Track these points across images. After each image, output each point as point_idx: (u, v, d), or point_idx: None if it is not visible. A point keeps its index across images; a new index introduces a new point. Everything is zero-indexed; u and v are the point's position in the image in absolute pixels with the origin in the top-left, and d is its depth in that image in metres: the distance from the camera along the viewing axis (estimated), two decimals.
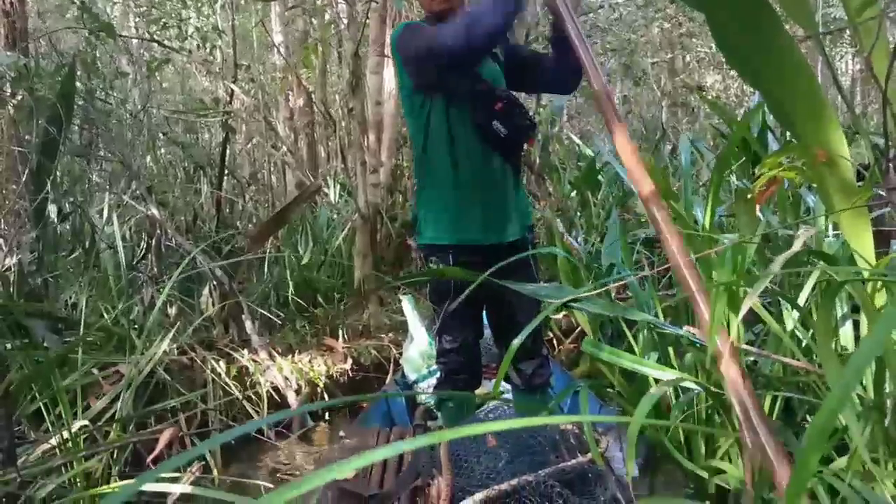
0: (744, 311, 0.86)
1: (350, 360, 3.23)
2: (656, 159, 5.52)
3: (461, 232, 2.03)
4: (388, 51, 5.11)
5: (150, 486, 1.25)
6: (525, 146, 2.08)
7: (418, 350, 2.87)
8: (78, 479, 1.57)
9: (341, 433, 1.96)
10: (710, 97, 7.97)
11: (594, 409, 2.39)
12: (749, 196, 1.20)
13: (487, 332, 2.36)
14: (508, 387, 2.28)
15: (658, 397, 1.19)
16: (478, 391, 2.72)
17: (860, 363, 0.44)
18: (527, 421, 0.88)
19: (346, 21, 4.81)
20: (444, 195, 2.04)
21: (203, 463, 1.83)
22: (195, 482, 1.41)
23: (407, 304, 3.05)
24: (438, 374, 2.31)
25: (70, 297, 3.08)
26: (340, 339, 3.43)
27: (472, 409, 2.27)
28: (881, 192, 1.54)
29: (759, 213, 2.30)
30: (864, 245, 1.39)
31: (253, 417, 2.43)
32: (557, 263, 3.21)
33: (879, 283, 1.38)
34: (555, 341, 3.73)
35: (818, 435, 0.46)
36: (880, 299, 1.45)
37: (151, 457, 1.57)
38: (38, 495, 1.41)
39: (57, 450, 1.72)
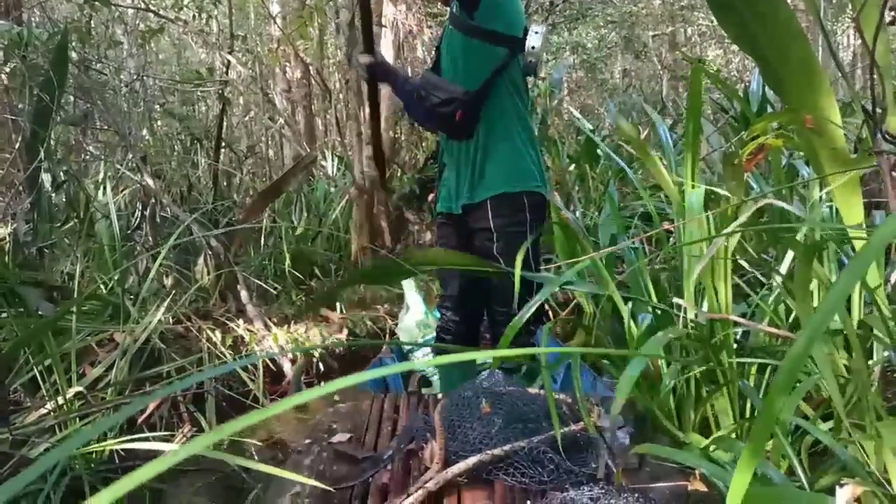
0: (702, 265, 0.86)
1: (346, 331, 3.25)
2: (655, 133, 5.48)
3: (437, 203, 2.39)
4: (385, 21, 5.05)
5: (142, 445, 1.26)
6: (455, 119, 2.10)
7: (414, 319, 2.89)
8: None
9: (336, 397, 1.99)
10: (710, 70, 7.89)
11: (588, 380, 2.41)
12: (736, 161, 1.19)
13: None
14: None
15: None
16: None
17: (833, 303, 0.44)
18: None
19: None
20: None
21: (195, 430, 1.85)
22: (187, 444, 1.43)
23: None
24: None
25: (65, 267, 3.08)
26: (337, 310, 3.44)
27: (469, 375, 2.31)
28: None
29: (752, 183, 2.31)
30: (854, 215, 1.39)
31: (248, 385, 2.45)
32: (554, 237, 3.21)
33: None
34: (551, 313, 3.74)
35: (785, 378, 0.46)
36: (870, 270, 1.45)
37: (143, 416, 1.58)
38: (31, 454, 1.43)
39: (52, 414, 1.73)
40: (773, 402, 0.43)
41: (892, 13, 0.96)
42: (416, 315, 2.89)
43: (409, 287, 3.01)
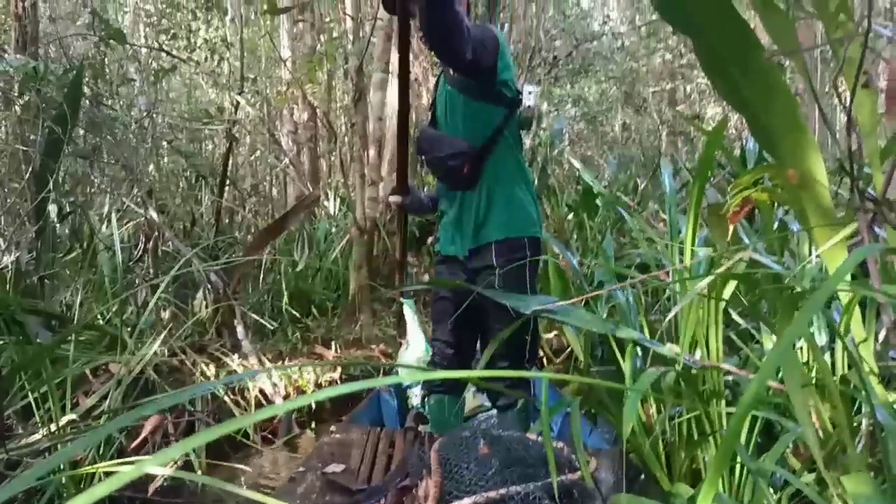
0: (684, 302, 0.88)
1: (339, 370, 3.25)
2: (653, 186, 5.58)
3: (437, 244, 2.45)
4: (392, 68, 5.18)
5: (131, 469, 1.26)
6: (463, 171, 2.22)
7: (414, 356, 2.88)
8: (64, 464, 1.59)
9: (332, 428, 2.00)
10: (706, 128, 8.04)
11: (584, 430, 2.41)
12: (722, 212, 1.24)
13: None
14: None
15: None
16: (470, 404, 2.79)
17: (784, 345, 0.48)
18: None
19: (351, 37, 4.89)
20: None
21: (185, 457, 1.85)
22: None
23: (407, 308, 3.03)
24: None
25: (66, 297, 3.10)
26: (332, 350, 3.45)
27: (459, 412, 2.35)
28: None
29: (744, 237, 2.35)
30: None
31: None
32: (550, 284, 3.23)
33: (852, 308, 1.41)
34: (545, 360, 3.75)
35: (737, 420, 0.49)
36: (856, 326, 1.48)
37: (135, 443, 1.58)
38: (24, 475, 1.43)
39: (44, 438, 1.74)
40: (725, 447, 0.45)
41: (866, 75, 1.01)
42: (416, 352, 2.89)
43: (412, 322, 3.01)
